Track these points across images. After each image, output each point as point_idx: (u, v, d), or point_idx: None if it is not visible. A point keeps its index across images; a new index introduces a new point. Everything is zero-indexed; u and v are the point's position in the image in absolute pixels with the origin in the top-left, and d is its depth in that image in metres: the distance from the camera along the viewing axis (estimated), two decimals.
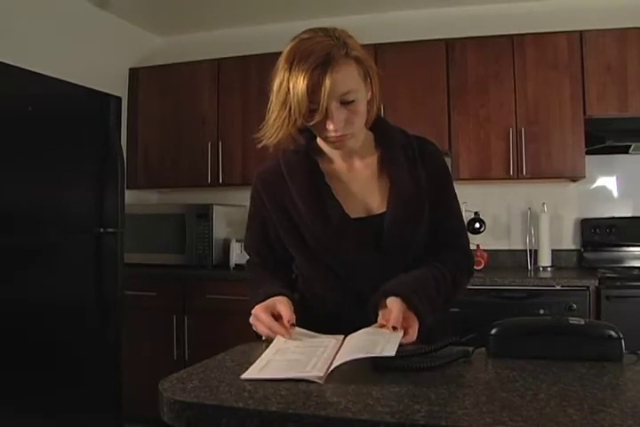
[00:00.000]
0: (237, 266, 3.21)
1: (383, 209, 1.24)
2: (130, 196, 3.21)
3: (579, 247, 3.19)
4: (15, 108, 2.24)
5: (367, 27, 3.40)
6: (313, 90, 1.07)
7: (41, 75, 2.34)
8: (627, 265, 2.97)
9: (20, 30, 2.82)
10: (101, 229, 2.60)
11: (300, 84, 1.07)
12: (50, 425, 2.34)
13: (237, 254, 3.25)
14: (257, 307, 1.15)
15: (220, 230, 3.27)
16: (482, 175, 2.99)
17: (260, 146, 1.19)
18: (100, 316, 2.59)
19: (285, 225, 1.26)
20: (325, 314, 1.25)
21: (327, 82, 1.06)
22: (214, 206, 3.24)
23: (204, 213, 3.22)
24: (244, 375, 0.90)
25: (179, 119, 3.48)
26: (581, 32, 2.90)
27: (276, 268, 1.34)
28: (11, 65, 2.20)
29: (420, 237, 1.25)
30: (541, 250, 3.07)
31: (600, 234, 3.08)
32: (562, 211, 3.22)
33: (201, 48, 3.67)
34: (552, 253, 3.07)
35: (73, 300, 2.48)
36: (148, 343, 3.05)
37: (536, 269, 3.06)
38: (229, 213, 3.40)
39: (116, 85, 3.41)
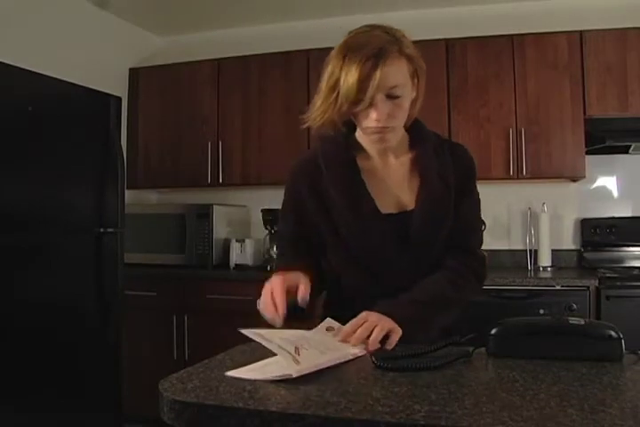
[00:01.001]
0: (237, 266, 3.22)
1: (412, 207, 1.28)
2: (130, 196, 3.21)
3: (579, 247, 3.19)
4: (15, 108, 2.24)
5: None
6: (363, 80, 1.11)
7: (41, 75, 2.34)
8: (627, 265, 2.97)
9: (20, 30, 2.82)
10: (101, 229, 2.59)
11: (351, 72, 1.11)
12: (50, 425, 2.33)
13: (237, 254, 3.25)
14: (278, 274, 1.15)
15: (220, 230, 3.27)
16: (482, 175, 2.93)
17: (304, 127, 1.24)
18: (100, 316, 2.58)
19: (320, 209, 1.29)
20: (352, 306, 1.26)
21: (377, 74, 1.11)
22: (214, 206, 3.24)
23: (204, 213, 3.22)
24: (230, 372, 0.92)
25: (179, 119, 3.48)
26: (581, 32, 2.90)
27: (307, 254, 1.34)
28: (11, 65, 2.20)
29: (446, 235, 1.29)
30: (541, 250, 3.07)
31: (600, 234, 3.08)
32: (562, 211, 3.22)
33: (201, 48, 3.67)
34: (552, 253, 3.07)
35: (73, 300, 2.48)
36: (148, 343, 3.05)
37: (536, 269, 3.06)
38: (229, 213, 3.40)
39: (116, 85, 3.40)
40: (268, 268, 3.11)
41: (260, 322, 1.10)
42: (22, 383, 2.22)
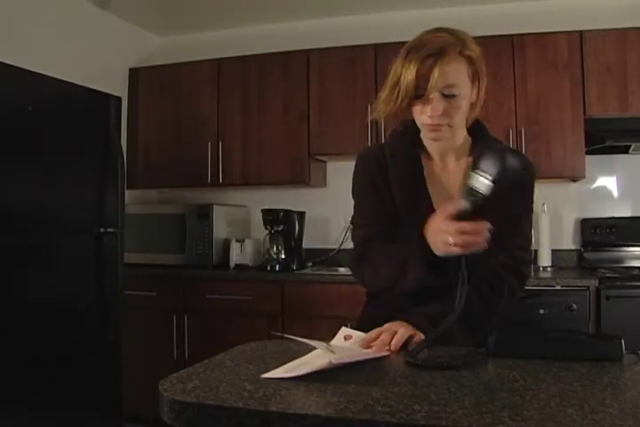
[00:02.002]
0: (237, 266, 3.22)
1: None
2: (130, 196, 3.21)
3: (579, 247, 3.19)
4: (15, 108, 2.24)
5: (367, 27, 3.40)
6: (421, 76, 1.17)
7: (41, 75, 2.34)
8: (627, 265, 2.97)
9: (20, 30, 2.82)
10: (101, 229, 2.59)
11: (410, 69, 1.18)
12: (50, 425, 2.33)
13: (237, 254, 3.25)
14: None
15: (220, 230, 3.27)
16: None
17: (371, 118, 1.35)
18: (100, 316, 2.58)
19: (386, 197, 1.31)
20: (396, 301, 1.27)
21: (435, 71, 1.16)
22: (214, 206, 3.24)
23: (204, 213, 3.22)
24: (265, 375, 0.91)
25: (179, 119, 3.48)
26: (581, 32, 2.90)
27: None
28: (11, 65, 2.20)
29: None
30: (541, 250, 3.06)
31: (600, 234, 3.08)
32: (562, 211, 3.22)
33: (201, 48, 3.67)
34: (552, 253, 3.06)
35: (73, 300, 2.48)
36: (148, 343, 3.05)
37: (536, 269, 3.05)
38: (229, 213, 3.40)
39: (116, 85, 3.40)
40: (268, 268, 3.11)
41: (259, 322, 1.10)
42: (22, 383, 2.22)
